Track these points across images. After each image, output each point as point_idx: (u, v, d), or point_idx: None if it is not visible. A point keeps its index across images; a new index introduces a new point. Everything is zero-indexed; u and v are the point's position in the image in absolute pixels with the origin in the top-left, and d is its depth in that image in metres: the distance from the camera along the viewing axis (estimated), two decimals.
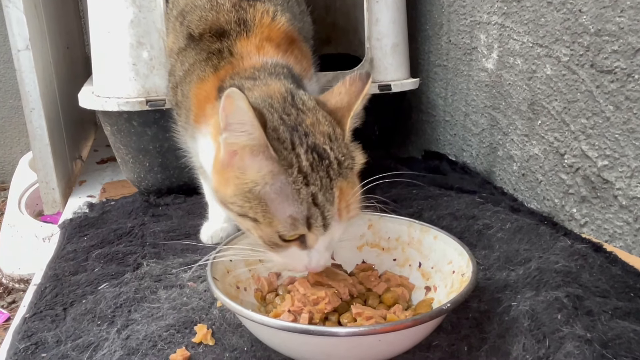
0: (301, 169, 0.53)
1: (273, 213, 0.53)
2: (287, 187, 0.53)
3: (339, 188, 0.55)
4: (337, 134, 0.57)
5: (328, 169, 0.54)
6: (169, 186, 1.04)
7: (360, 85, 0.59)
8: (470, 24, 1.06)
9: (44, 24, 1.21)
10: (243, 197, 0.55)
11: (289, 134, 0.55)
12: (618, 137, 0.74)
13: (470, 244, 0.76)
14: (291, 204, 0.53)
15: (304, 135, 0.55)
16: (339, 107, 0.60)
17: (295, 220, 0.53)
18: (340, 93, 0.61)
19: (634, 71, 0.71)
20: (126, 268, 0.76)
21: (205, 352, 0.57)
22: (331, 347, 0.51)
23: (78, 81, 1.24)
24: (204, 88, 0.70)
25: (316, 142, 0.55)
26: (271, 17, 0.73)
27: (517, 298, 0.61)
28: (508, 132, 0.98)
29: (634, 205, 0.73)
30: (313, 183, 0.53)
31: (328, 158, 0.55)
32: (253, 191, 0.54)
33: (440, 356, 0.55)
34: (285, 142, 0.54)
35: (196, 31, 0.75)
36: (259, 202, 0.54)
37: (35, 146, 1.14)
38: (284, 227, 0.53)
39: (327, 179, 0.54)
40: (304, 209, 0.53)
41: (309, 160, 0.54)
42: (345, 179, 0.55)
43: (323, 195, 0.53)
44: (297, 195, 0.53)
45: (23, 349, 0.60)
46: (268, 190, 0.53)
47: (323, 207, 0.53)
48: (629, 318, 0.57)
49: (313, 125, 0.56)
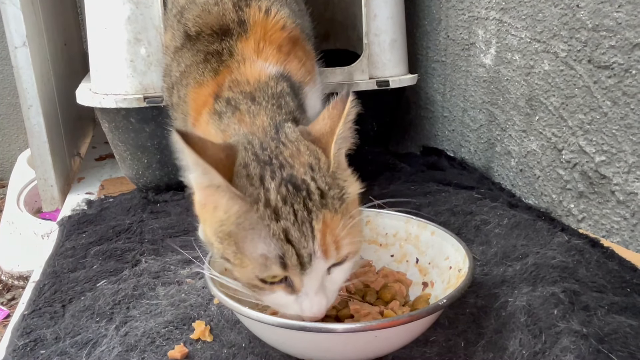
0: (269, 203, 0.49)
1: (244, 253, 0.49)
2: (256, 224, 0.48)
3: (322, 221, 0.49)
4: (321, 163, 0.52)
5: (305, 200, 0.49)
6: (167, 183, 1.04)
7: (341, 107, 0.53)
8: (469, 19, 1.06)
9: (41, 21, 1.20)
10: (217, 236, 0.51)
11: (260, 169, 0.51)
12: (615, 132, 0.74)
13: (468, 239, 0.76)
14: (261, 242, 0.48)
15: (278, 167, 0.51)
16: (323, 134, 0.54)
17: (267, 259, 0.48)
18: (324, 119, 0.55)
19: (631, 66, 0.71)
20: (125, 265, 0.76)
21: (203, 349, 0.57)
22: (328, 343, 0.51)
23: (76, 78, 1.24)
24: (202, 93, 0.67)
25: (293, 173, 0.50)
26: (264, 12, 0.71)
27: (514, 293, 0.61)
28: (506, 127, 0.99)
29: (631, 200, 0.73)
30: (284, 217, 0.48)
31: (307, 189, 0.49)
32: (223, 230, 0.50)
33: (438, 351, 0.55)
34: (253, 178, 0.50)
35: (192, 29, 0.73)
36: (230, 242, 0.50)
37: (33, 143, 1.14)
38: (255, 267, 0.49)
39: (304, 212, 0.48)
40: (275, 247, 0.48)
41: (281, 194, 0.49)
42: (333, 210, 0.49)
43: (297, 229, 0.48)
44: (267, 230, 0.48)
45: (22, 345, 0.60)
46: (237, 228, 0.49)
47: (298, 243, 0.48)
48: (625, 313, 0.57)
49: (292, 157, 0.52)
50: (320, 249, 0.48)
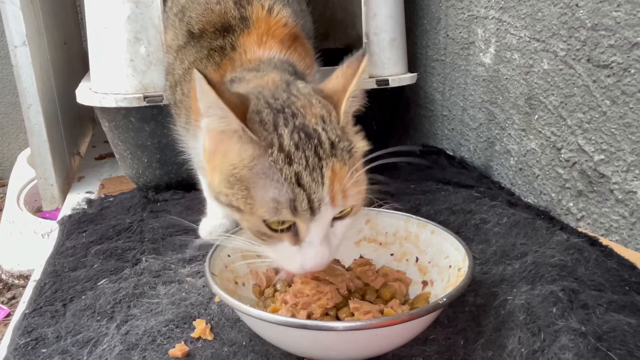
0: (282, 147, 0.50)
1: (254, 197, 0.50)
2: (269, 169, 0.50)
3: (331, 169, 0.50)
4: (332, 117, 0.54)
5: (317, 148, 0.50)
6: (167, 182, 1.04)
7: (355, 66, 0.56)
8: (468, 18, 1.06)
9: (41, 20, 1.21)
10: (227, 183, 0.52)
11: (273, 116, 0.52)
12: (614, 131, 0.75)
13: (467, 238, 0.77)
14: (273, 186, 0.49)
15: (291, 116, 0.52)
16: (335, 91, 0.57)
17: (278, 203, 0.49)
18: (337, 77, 0.58)
19: (630, 65, 0.71)
20: (125, 264, 0.76)
21: (204, 347, 0.58)
22: (329, 341, 0.51)
23: (76, 77, 1.24)
24: None
25: (305, 122, 0.52)
26: (266, 10, 0.72)
27: (513, 292, 0.61)
28: (505, 126, 0.99)
29: (629, 199, 0.73)
30: (297, 162, 0.49)
31: (318, 138, 0.51)
32: (235, 175, 0.51)
33: (437, 350, 0.56)
34: (267, 123, 0.52)
35: (196, 27, 0.74)
36: (241, 186, 0.51)
37: (33, 142, 1.14)
38: (266, 211, 0.50)
39: (315, 158, 0.50)
40: (287, 190, 0.49)
41: (294, 140, 0.50)
42: (341, 160, 0.51)
43: (309, 174, 0.49)
44: (280, 174, 0.49)
45: (23, 344, 0.60)
46: (249, 173, 0.50)
47: (309, 188, 0.49)
48: (624, 311, 0.58)
49: (304, 107, 0.54)
50: (329, 195, 0.50)
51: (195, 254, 0.78)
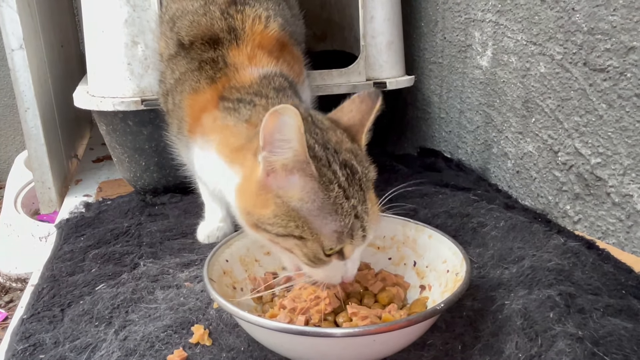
0: (340, 184, 0.55)
1: (319, 229, 0.54)
2: (329, 203, 0.54)
3: (370, 199, 0.57)
4: (357, 150, 0.60)
5: (360, 182, 0.57)
6: (165, 185, 1.04)
7: (370, 104, 0.62)
8: (465, 21, 1.06)
9: (38, 23, 1.20)
10: (287, 216, 0.55)
11: (324, 151, 0.56)
12: (611, 135, 0.75)
13: (465, 242, 0.77)
14: (336, 219, 0.54)
15: (334, 152, 0.57)
16: (352, 125, 0.62)
17: (340, 234, 0.54)
18: (351, 111, 0.63)
19: (626, 70, 0.71)
20: (123, 268, 0.76)
21: (202, 353, 0.58)
22: (327, 347, 0.51)
23: (73, 79, 1.24)
24: (199, 99, 0.69)
25: (345, 158, 0.57)
26: (264, 24, 0.72)
27: (511, 296, 0.62)
28: (502, 129, 0.99)
29: (626, 202, 0.74)
30: (352, 197, 0.55)
31: (357, 172, 0.57)
32: (297, 209, 0.54)
33: (435, 355, 0.56)
34: (322, 159, 0.55)
35: (186, 38, 0.73)
36: (304, 219, 0.55)
37: (30, 146, 1.14)
38: (330, 241, 0.55)
39: (361, 192, 0.56)
40: (348, 223, 0.54)
41: (345, 176, 0.55)
42: (372, 189, 0.58)
43: (361, 207, 0.55)
44: (341, 209, 0.54)
45: (21, 350, 0.60)
46: (311, 206, 0.54)
47: (362, 219, 0.56)
48: (620, 315, 0.58)
49: (338, 143, 0.58)
50: (371, 221, 0.57)
51: (193, 258, 0.78)
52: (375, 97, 0.62)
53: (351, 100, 0.64)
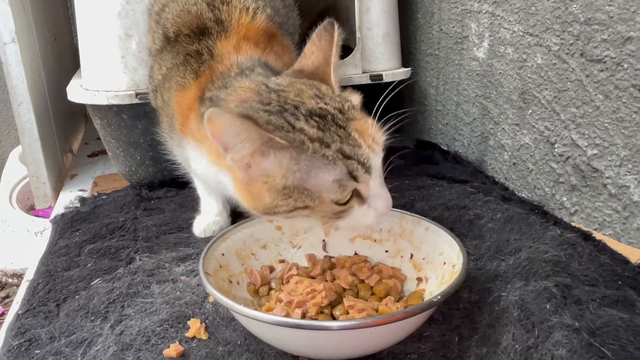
0: (312, 138, 0.53)
1: (318, 189, 0.53)
2: (314, 161, 0.53)
3: (355, 130, 0.55)
4: (324, 91, 0.57)
5: (335, 120, 0.54)
6: (160, 179, 1.03)
7: (328, 37, 0.59)
8: (461, 12, 1.06)
9: (30, 16, 1.19)
10: (282, 196, 0.54)
11: (282, 118, 0.54)
12: (607, 126, 0.75)
13: (462, 234, 0.77)
14: (328, 172, 0.53)
15: (294, 109, 0.55)
16: (317, 66, 0.59)
17: (340, 181, 0.53)
18: (312, 52, 0.60)
19: (623, 60, 0.71)
20: (119, 263, 0.76)
21: (198, 347, 0.58)
22: (323, 340, 0.51)
23: (67, 73, 1.23)
24: (187, 96, 0.68)
25: (309, 107, 0.55)
26: (251, 17, 0.71)
27: (507, 288, 0.62)
28: (499, 121, 0.99)
29: (622, 193, 0.74)
30: (333, 141, 0.53)
31: (328, 113, 0.55)
32: (287, 185, 0.54)
33: (432, 347, 0.56)
34: (283, 126, 0.54)
35: (171, 30, 0.72)
36: (299, 190, 0.54)
37: (24, 141, 1.13)
38: (334, 193, 0.53)
39: (340, 130, 0.54)
40: (341, 167, 0.53)
41: (314, 126, 0.53)
42: (356, 119, 0.56)
43: (347, 144, 0.53)
44: (326, 160, 0.53)
45: (17, 345, 0.60)
46: (299, 174, 0.53)
47: (354, 154, 0.53)
48: (617, 306, 0.58)
49: (298, 95, 0.56)
50: (369, 149, 0.54)
51: (189, 252, 0.78)
52: (331, 27, 0.59)
53: (310, 42, 0.60)
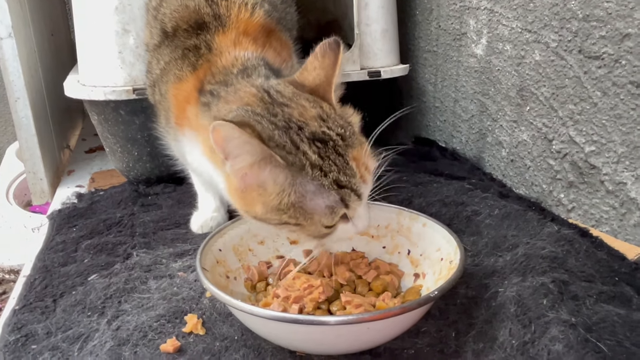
0: (313, 164, 0.54)
1: (310, 212, 0.55)
2: (309, 185, 0.54)
3: (353, 158, 0.55)
4: (327, 110, 0.57)
5: (336, 148, 0.55)
6: (158, 175, 1.03)
7: (333, 57, 0.59)
8: (460, 9, 1.05)
9: (27, 11, 1.18)
10: (275, 211, 0.55)
11: (287, 135, 0.55)
12: (605, 123, 0.75)
13: (459, 230, 0.77)
14: (322, 198, 0.54)
15: (298, 129, 0.55)
16: (318, 84, 0.59)
17: (332, 208, 0.54)
18: (315, 68, 0.60)
19: (621, 57, 0.71)
20: (116, 259, 0.76)
21: (195, 342, 0.58)
22: (321, 335, 0.51)
23: (64, 68, 1.22)
24: (183, 88, 0.68)
25: (312, 130, 0.55)
26: (250, 12, 0.71)
27: (504, 284, 0.62)
28: (497, 118, 0.99)
29: (619, 190, 0.74)
30: (330, 170, 0.54)
31: (331, 139, 0.55)
32: (283, 202, 0.54)
33: (429, 342, 0.56)
34: (286, 145, 0.54)
35: (169, 25, 0.72)
36: (294, 209, 0.55)
37: (21, 136, 1.13)
38: (325, 218, 0.55)
39: (339, 159, 0.55)
40: (335, 196, 0.54)
41: (316, 152, 0.54)
42: (354, 147, 0.56)
43: (344, 174, 0.54)
44: (323, 188, 0.54)
45: (13, 341, 0.60)
46: (294, 196, 0.54)
47: (349, 184, 0.54)
48: (613, 302, 0.58)
49: (302, 115, 0.56)
50: (362, 179, 0.56)
51: (186, 248, 0.78)
52: (336, 46, 0.59)
53: (313, 56, 0.60)
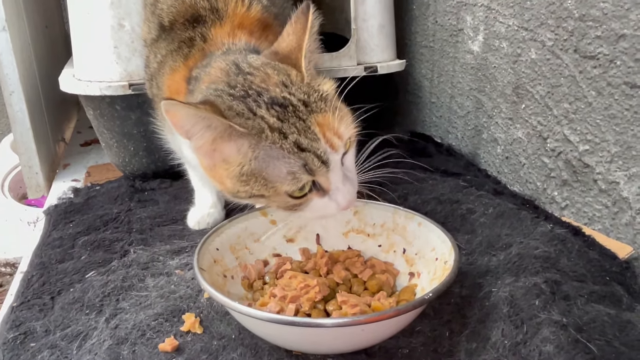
0: (271, 127, 0.54)
1: (272, 179, 0.54)
2: (271, 150, 0.53)
3: (317, 124, 0.54)
4: (293, 77, 0.57)
5: (296, 112, 0.54)
6: (154, 170, 1.03)
7: (303, 21, 0.58)
8: (457, 5, 1.05)
9: (21, 3, 1.17)
10: (241, 182, 0.55)
11: (244, 104, 0.55)
12: (599, 122, 0.75)
13: (454, 228, 0.78)
14: (283, 162, 0.53)
15: (257, 96, 0.55)
16: (291, 50, 0.59)
17: (294, 173, 0.54)
18: (289, 35, 0.60)
19: (616, 57, 0.71)
20: (113, 255, 0.76)
21: (193, 341, 0.58)
22: (317, 337, 0.52)
23: (58, 60, 1.21)
24: (175, 79, 0.68)
25: (272, 95, 0.55)
26: (246, 7, 0.71)
27: (498, 284, 0.63)
28: (493, 115, 0.99)
29: (612, 189, 0.75)
30: (291, 132, 0.53)
31: (291, 104, 0.55)
32: (245, 172, 0.55)
33: (423, 341, 0.57)
34: (244, 112, 0.54)
35: (166, 19, 0.72)
36: (256, 177, 0.54)
37: (16, 130, 1.12)
38: (288, 185, 0.54)
39: (300, 122, 0.54)
40: (295, 160, 0.53)
41: (275, 115, 0.54)
42: (320, 111, 0.55)
43: (304, 137, 0.53)
44: (282, 150, 0.53)
45: (12, 338, 0.60)
46: (255, 162, 0.54)
47: (311, 147, 0.53)
48: (604, 301, 0.59)
49: (264, 81, 0.56)
50: (328, 145, 0.54)
51: (183, 245, 0.78)
52: (307, 10, 0.58)
53: (289, 24, 0.60)
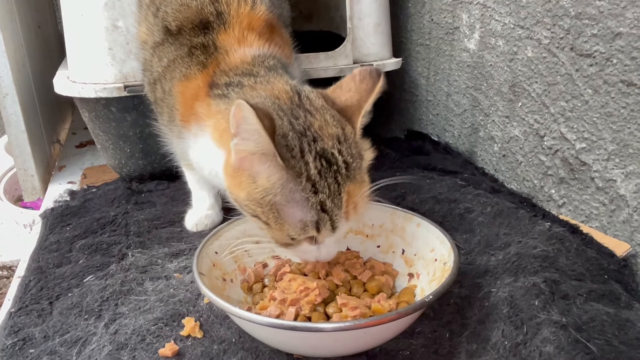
0: (310, 177, 0.54)
1: (284, 218, 0.55)
2: (297, 194, 0.54)
3: (347, 192, 0.55)
4: (347, 134, 0.57)
5: (336, 174, 0.55)
6: (151, 172, 1.03)
7: (371, 84, 0.59)
8: (453, 3, 1.05)
9: (13, 4, 1.16)
10: (255, 202, 0.56)
11: (298, 140, 0.55)
12: (596, 120, 0.76)
13: (452, 228, 0.78)
14: (301, 210, 0.54)
15: (312, 140, 0.55)
16: (349, 105, 0.59)
17: (305, 224, 0.55)
18: (350, 90, 0.60)
19: (612, 55, 0.71)
20: (111, 259, 0.75)
21: (193, 345, 0.58)
22: (317, 341, 0.52)
23: (52, 61, 1.20)
24: (191, 86, 0.68)
25: (324, 147, 0.55)
26: (250, 6, 0.71)
27: (497, 284, 0.63)
28: (489, 113, 0.99)
29: (609, 187, 0.75)
30: (321, 191, 0.54)
31: (336, 163, 0.55)
32: (265, 199, 0.55)
33: (424, 342, 0.57)
34: (294, 149, 0.54)
35: (173, 24, 0.71)
36: (270, 208, 0.55)
37: (10, 133, 1.11)
38: (294, 231, 0.55)
39: (335, 185, 0.54)
40: (313, 215, 0.54)
41: (317, 168, 0.54)
42: (354, 181, 0.56)
43: (331, 201, 0.54)
44: (306, 203, 0.54)
45: (11, 344, 0.60)
46: (278, 198, 0.54)
47: (331, 213, 0.55)
48: (603, 300, 0.60)
49: (321, 129, 0.56)
50: (345, 215, 0.56)
51: (182, 248, 0.78)
52: (377, 76, 0.59)
53: (351, 77, 0.61)
